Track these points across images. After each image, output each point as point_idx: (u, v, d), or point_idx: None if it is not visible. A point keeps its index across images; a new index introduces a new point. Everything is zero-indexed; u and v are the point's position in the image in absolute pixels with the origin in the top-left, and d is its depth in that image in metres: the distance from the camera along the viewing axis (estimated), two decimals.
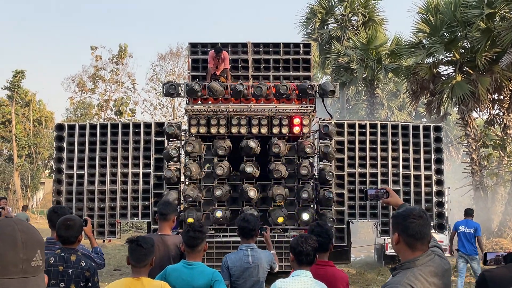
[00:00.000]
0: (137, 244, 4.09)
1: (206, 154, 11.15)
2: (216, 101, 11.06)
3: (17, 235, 1.64)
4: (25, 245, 1.64)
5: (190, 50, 11.98)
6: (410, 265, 2.75)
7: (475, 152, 20.70)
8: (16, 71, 39.42)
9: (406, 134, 11.47)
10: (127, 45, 41.78)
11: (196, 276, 4.54)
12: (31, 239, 1.67)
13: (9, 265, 1.59)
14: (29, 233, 1.68)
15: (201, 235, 4.65)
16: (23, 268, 1.62)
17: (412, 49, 20.70)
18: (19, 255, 1.62)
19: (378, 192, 3.74)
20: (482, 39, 18.30)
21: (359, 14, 27.92)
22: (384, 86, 38.57)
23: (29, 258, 1.64)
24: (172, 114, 40.12)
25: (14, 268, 1.60)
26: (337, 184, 11.35)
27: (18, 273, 1.61)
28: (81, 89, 42.02)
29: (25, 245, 1.64)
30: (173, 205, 6.08)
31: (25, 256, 1.63)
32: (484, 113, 22.03)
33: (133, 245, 4.11)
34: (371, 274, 15.38)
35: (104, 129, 11.42)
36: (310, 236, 4.33)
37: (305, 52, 11.88)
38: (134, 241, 4.13)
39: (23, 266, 1.62)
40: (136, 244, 4.10)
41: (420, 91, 21.40)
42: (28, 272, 1.63)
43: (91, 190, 11.25)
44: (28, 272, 1.64)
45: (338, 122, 11.61)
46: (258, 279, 5.21)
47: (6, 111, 40.85)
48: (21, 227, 1.67)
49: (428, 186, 11.38)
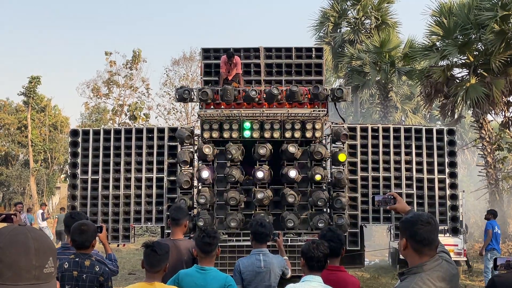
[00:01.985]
0: (152, 250, 4.13)
1: (218, 159, 11.20)
2: (229, 106, 11.10)
3: (30, 242, 1.67)
4: (37, 252, 1.67)
5: (202, 55, 12.04)
6: (418, 270, 2.77)
7: (490, 155, 20.51)
8: (32, 77, 39.90)
9: (419, 137, 11.42)
10: (141, 50, 42.14)
11: (209, 281, 4.57)
12: (44, 247, 1.71)
13: (22, 271, 1.63)
14: (41, 240, 1.71)
15: (214, 241, 4.68)
16: (36, 275, 1.66)
17: (425, 52, 20.59)
18: (32, 262, 1.65)
19: (386, 198, 3.75)
20: (496, 41, 18.16)
21: (372, 17, 27.87)
22: (397, 89, 38.41)
23: (42, 265, 1.68)
24: (186, 119, 40.32)
25: (27, 274, 1.64)
26: (350, 188, 11.33)
27: (31, 279, 1.65)
28: (95, 95, 42.42)
29: (37, 252, 1.67)
30: (184, 210, 6.08)
31: (38, 263, 1.67)
32: (499, 116, 21.85)
33: (148, 250, 4.16)
34: (385, 278, 15.31)
35: (118, 134, 11.52)
36: (321, 241, 4.34)
37: (317, 56, 11.88)
38: (150, 246, 4.17)
39: (36, 273, 1.66)
40: (151, 250, 4.14)
41: (434, 94, 21.27)
42: (40, 278, 1.67)
43: (105, 195, 11.35)
44: (41, 279, 1.67)
45: (350, 126, 11.59)
46: (270, 284, 5.23)
47: (22, 117, 41.34)
48: (34, 235, 1.70)
49: (442, 189, 11.31)
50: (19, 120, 41.59)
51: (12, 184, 39.97)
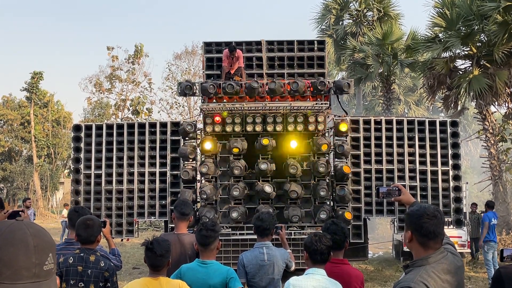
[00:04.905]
0: (151, 252, 4.08)
1: (221, 153, 11.20)
2: (231, 100, 11.09)
3: (28, 239, 1.61)
4: (37, 249, 1.60)
5: (204, 49, 12.02)
6: (423, 263, 2.76)
7: (493, 146, 20.44)
8: (35, 72, 39.92)
9: (422, 129, 11.39)
10: (143, 45, 42.07)
11: (211, 274, 4.57)
12: (43, 243, 1.64)
13: (21, 270, 1.57)
14: (40, 236, 1.64)
15: (213, 234, 4.68)
16: (35, 273, 1.59)
17: (428, 44, 20.49)
18: (31, 259, 1.59)
19: (390, 190, 3.74)
20: (499, 32, 18.04)
21: (374, 9, 27.72)
22: (400, 82, 38.32)
23: (41, 262, 1.61)
24: (189, 113, 40.30)
25: (26, 273, 1.58)
26: (353, 180, 11.32)
27: (31, 277, 1.59)
28: (98, 89, 42.40)
29: (36, 249, 1.61)
30: (191, 204, 6.11)
31: (37, 260, 1.60)
32: (502, 107, 21.71)
33: (148, 253, 4.10)
34: (389, 271, 15.32)
35: (121, 129, 11.53)
36: (324, 234, 4.34)
37: (319, 49, 11.86)
38: (149, 248, 4.11)
39: (35, 271, 1.59)
40: (150, 251, 4.08)
41: (437, 85, 21.17)
42: (40, 276, 1.61)
43: (108, 189, 11.37)
44: (41, 276, 1.61)
45: (353, 118, 11.57)
46: (273, 277, 5.24)
47: (25, 112, 41.39)
48: (32, 231, 1.63)
49: (446, 181, 11.30)
50: (22, 116, 41.64)
51: (15, 179, 40.08)
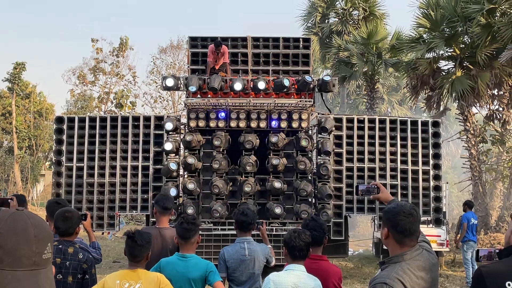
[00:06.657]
0: (133, 240, 4.13)
1: (204, 148, 11.21)
2: (215, 95, 11.10)
3: (29, 229, 1.70)
4: (37, 239, 1.70)
5: (190, 43, 12.00)
6: (399, 259, 2.82)
7: (474, 147, 20.68)
8: (17, 63, 39.40)
9: (404, 129, 11.52)
10: (128, 38, 41.70)
11: (190, 268, 4.60)
12: (42, 233, 1.73)
13: (22, 258, 1.66)
14: (40, 226, 1.74)
15: (194, 227, 4.72)
16: (35, 261, 1.69)
17: (412, 44, 20.63)
18: (32, 248, 1.68)
19: (369, 188, 3.79)
20: (483, 34, 18.25)
21: (360, 8, 27.82)
22: (384, 81, 38.50)
23: (41, 251, 1.71)
24: (173, 107, 40.13)
25: (27, 261, 1.67)
26: (335, 178, 11.41)
27: (31, 265, 1.68)
28: (81, 82, 41.99)
29: (37, 239, 1.70)
30: (172, 198, 6.14)
31: (38, 249, 1.70)
32: (483, 109, 21.98)
33: (129, 241, 4.16)
34: (369, 268, 15.46)
35: (104, 122, 11.47)
36: (303, 230, 4.37)
37: (305, 46, 11.90)
38: (131, 237, 4.17)
39: (35, 259, 1.69)
40: (132, 240, 4.14)
41: (420, 86, 21.35)
42: (39, 264, 1.70)
43: (90, 182, 11.31)
44: (40, 265, 1.71)
45: (336, 116, 11.65)
46: (254, 271, 5.28)
47: (7, 103, 40.86)
48: (33, 221, 1.73)
49: (426, 181, 11.44)
50: (4, 107, 41.11)
51: None
